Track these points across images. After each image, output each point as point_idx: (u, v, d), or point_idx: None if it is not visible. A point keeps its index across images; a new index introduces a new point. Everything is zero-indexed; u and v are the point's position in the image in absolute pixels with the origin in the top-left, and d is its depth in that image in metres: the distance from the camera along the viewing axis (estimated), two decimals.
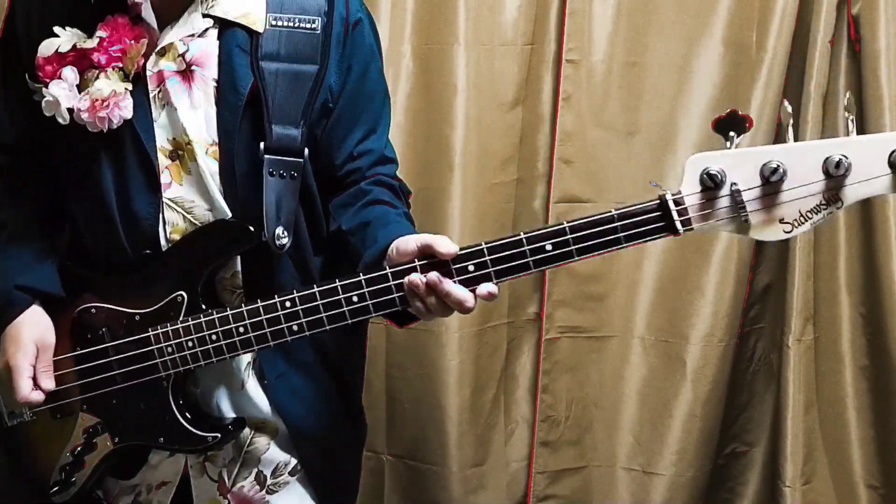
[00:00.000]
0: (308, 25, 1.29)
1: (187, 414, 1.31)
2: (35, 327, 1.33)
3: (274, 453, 1.38)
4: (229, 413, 1.36)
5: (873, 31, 1.89)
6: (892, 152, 1.06)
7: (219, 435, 1.31)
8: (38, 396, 1.31)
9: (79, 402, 1.34)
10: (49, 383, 1.32)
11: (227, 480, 1.38)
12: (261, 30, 1.27)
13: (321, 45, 1.28)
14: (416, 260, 1.17)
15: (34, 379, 1.31)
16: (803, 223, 1.10)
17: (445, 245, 1.15)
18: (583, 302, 2.08)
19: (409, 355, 2.07)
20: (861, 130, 2.00)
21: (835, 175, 1.07)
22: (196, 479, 1.39)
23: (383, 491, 2.15)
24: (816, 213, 1.10)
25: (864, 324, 2.04)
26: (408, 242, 1.19)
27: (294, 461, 1.39)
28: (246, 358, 1.35)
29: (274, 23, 1.28)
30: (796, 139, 2.12)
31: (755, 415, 2.15)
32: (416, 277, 1.15)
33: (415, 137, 2.01)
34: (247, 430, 1.37)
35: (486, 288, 1.15)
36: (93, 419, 1.34)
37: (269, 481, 1.38)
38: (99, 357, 1.32)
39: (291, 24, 1.28)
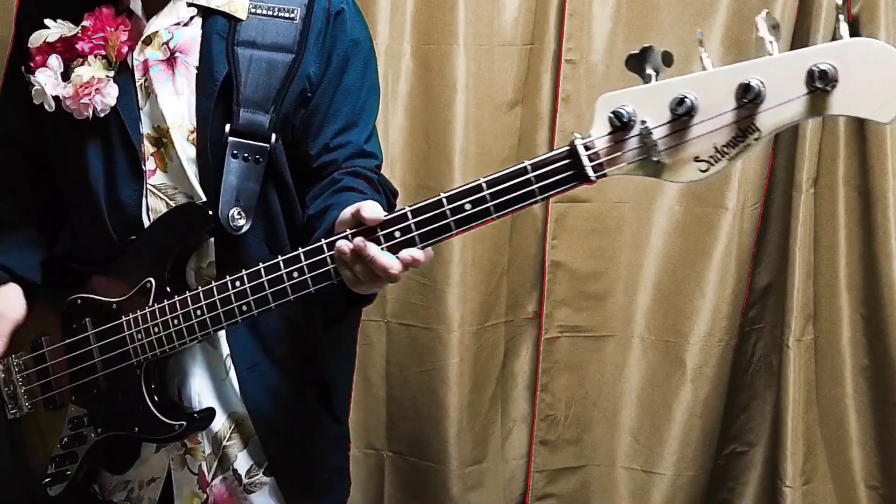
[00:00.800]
0: (287, 15, 1.30)
1: (156, 399, 1.32)
2: (2, 299, 1.36)
3: (251, 451, 1.38)
4: (210, 403, 1.36)
5: (873, 31, 1.89)
6: (809, 70, 0.94)
7: (185, 423, 1.31)
8: None
9: (68, 393, 1.37)
10: None
11: (206, 474, 1.38)
12: (243, 17, 1.29)
13: (299, 34, 1.29)
14: (348, 230, 1.15)
15: None
16: (720, 159, 0.99)
17: (371, 209, 1.12)
18: (582, 301, 2.09)
19: (408, 353, 2.08)
20: (862, 131, 2.02)
21: (747, 101, 0.96)
22: (177, 472, 1.39)
23: (383, 487, 2.16)
24: (732, 147, 0.98)
25: (864, 324, 2.04)
26: (345, 213, 1.17)
27: (263, 458, 1.38)
28: (226, 349, 1.35)
29: (254, 10, 1.29)
30: (796, 138, 2.12)
31: (755, 415, 2.16)
32: (343, 244, 1.13)
33: (414, 137, 2.02)
34: (225, 424, 1.37)
35: (408, 252, 1.11)
36: (80, 410, 1.37)
37: (244, 480, 1.38)
38: (82, 346, 1.35)
39: (270, 12, 1.30)
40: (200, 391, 1.36)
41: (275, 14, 1.30)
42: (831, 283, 2.04)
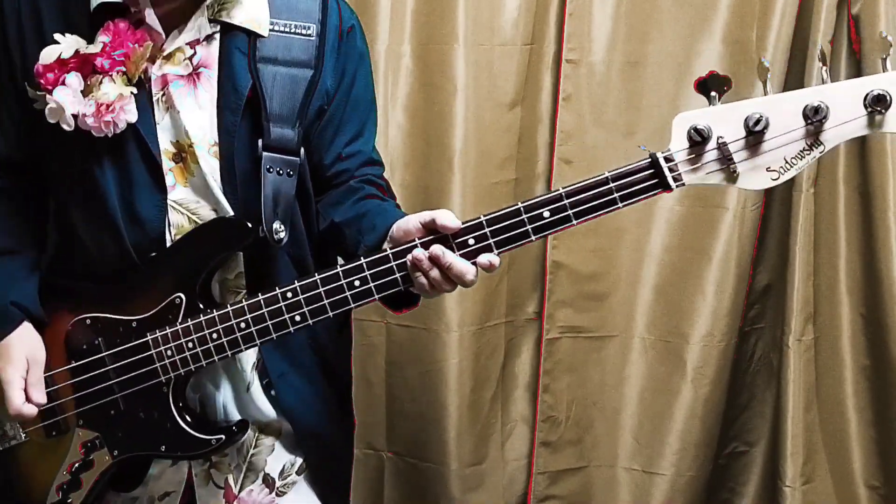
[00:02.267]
0: (304, 31, 1.32)
1: (188, 418, 1.30)
2: (26, 343, 1.32)
3: (279, 455, 1.38)
4: (236, 415, 1.35)
5: (873, 31, 1.89)
6: (867, 94, 1.12)
7: (223, 437, 1.29)
8: (30, 410, 1.30)
9: (75, 418, 1.33)
10: (40, 397, 1.31)
11: (233, 487, 1.37)
12: (265, 34, 1.30)
13: (316, 50, 1.32)
14: (416, 239, 1.21)
15: (26, 392, 1.30)
16: (789, 169, 1.15)
17: (449, 218, 1.19)
18: (583, 302, 2.09)
19: (408, 354, 2.08)
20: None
21: (814, 120, 1.12)
22: (201, 488, 1.38)
23: (383, 488, 2.16)
24: (801, 159, 1.15)
25: (864, 324, 2.04)
26: (408, 221, 1.23)
27: (300, 460, 1.40)
28: (250, 359, 1.36)
29: (272, 27, 1.30)
30: None
31: (755, 415, 2.16)
32: (419, 252, 1.18)
33: (414, 137, 2.02)
34: (250, 434, 1.36)
35: (486, 257, 1.18)
36: (90, 434, 1.33)
37: (277, 483, 1.38)
38: (95, 368, 1.31)
39: (288, 29, 1.31)
40: (226, 404, 1.36)
41: (292, 31, 1.31)
42: (831, 283, 2.04)
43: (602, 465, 2.15)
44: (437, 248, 1.18)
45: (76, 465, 1.33)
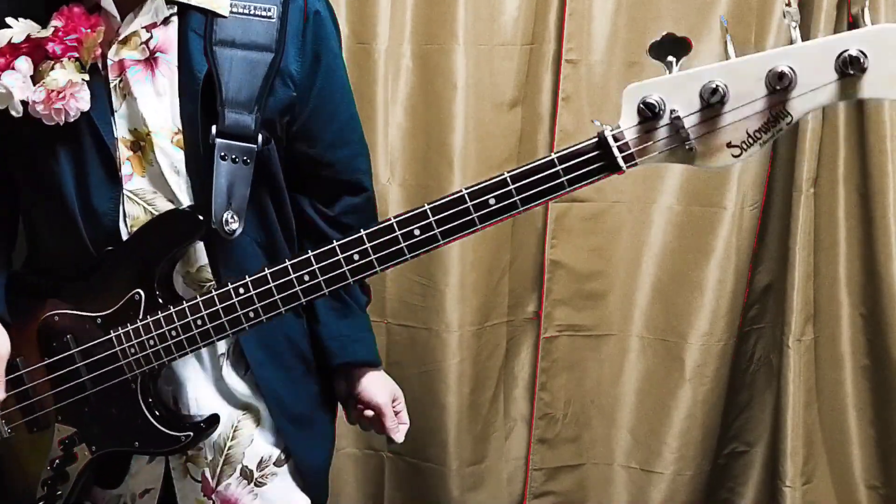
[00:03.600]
0: (264, 13, 1.27)
1: (157, 413, 1.29)
2: None
3: (257, 446, 1.37)
4: (209, 406, 1.34)
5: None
6: (839, 56, 0.98)
7: (191, 434, 1.28)
8: None
9: (53, 413, 1.32)
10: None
11: (210, 480, 1.36)
12: (226, 14, 1.26)
13: (277, 32, 1.27)
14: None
15: None
16: (752, 144, 1.03)
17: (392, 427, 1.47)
18: (581, 300, 2.09)
19: (408, 354, 2.08)
20: (862, 131, 2.01)
21: (779, 88, 0.99)
22: (179, 482, 1.37)
23: (383, 488, 2.16)
24: (765, 132, 1.02)
25: (864, 324, 2.04)
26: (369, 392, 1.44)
27: (278, 451, 1.38)
28: (220, 347, 1.34)
29: (232, 10, 1.27)
30: (796, 138, 2.12)
31: (755, 415, 2.15)
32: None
33: (415, 137, 2.02)
34: (226, 426, 1.35)
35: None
36: (69, 429, 1.32)
37: (255, 475, 1.37)
38: (67, 364, 1.29)
39: (247, 10, 1.27)
40: (198, 396, 1.34)
41: (251, 13, 1.27)
42: (831, 283, 2.04)
43: (599, 462, 2.15)
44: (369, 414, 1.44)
45: (57, 460, 1.33)
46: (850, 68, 0.97)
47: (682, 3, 1.97)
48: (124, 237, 1.28)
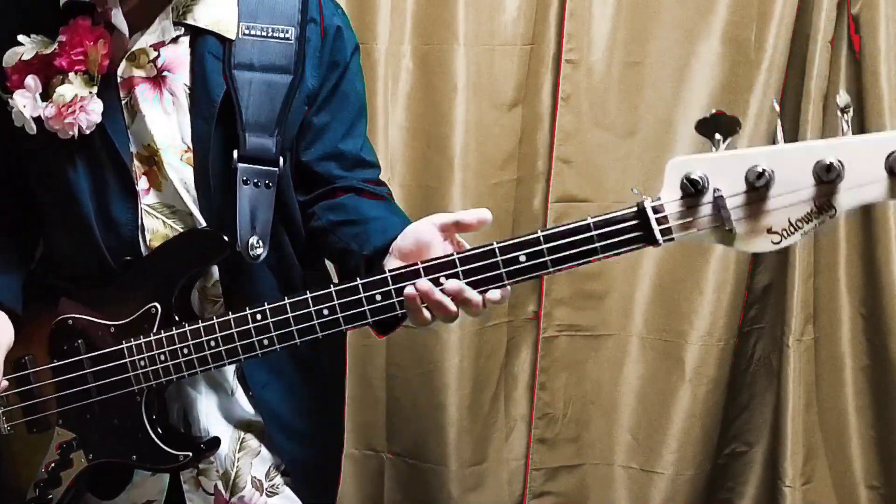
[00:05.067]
0: (282, 35, 1.27)
1: (159, 430, 1.27)
2: None
3: (264, 456, 1.36)
4: (218, 421, 1.33)
5: (873, 31, 1.89)
6: (890, 155, 0.96)
7: (190, 454, 1.27)
8: None
9: (55, 416, 1.31)
10: None
11: (224, 492, 1.35)
12: (233, 37, 1.25)
13: (295, 55, 1.27)
14: (418, 262, 1.14)
15: None
16: (793, 233, 1.00)
17: (476, 216, 1.13)
18: (581, 300, 2.09)
19: (408, 354, 2.08)
20: (861, 131, 1.98)
21: (826, 180, 0.97)
22: (191, 494, 1.36)
23: (383, 489, 2.16)
24: (807, 223, 1.00)
25: (864, 324, 2.04)
26: (419, 231, 1.17)
27: (283, 464, 1.38)
28: (232, 367, 1.33)
29: (247, 31, 1.26)
30: (796, 139, 2.12)
31: (755, 415, 2.15)
32: (411, 290, 1.13)
33: (415, 137, 2.02)
34: (234, 438, 1.35)
35: (482, 295, 1.11)
36: (68, 434, 1.31)
37: (265, 485, 1.36)
38: (74, 369, 1.29)
39: (264, 33, 1.26)
40: (208, 412, 1.34)
41: (269, 35, 1.26)
42: (831, 283, 2.04)
43: (599, 462, 2.15)
44: (423, 284, 1.11)
45: (52, 464, 1.32)
46: None
47: (682, 3, 1.97)
48: (142, 248, 1.28)
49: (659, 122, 2.01)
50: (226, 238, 1.23)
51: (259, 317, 1.19)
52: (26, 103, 1.23)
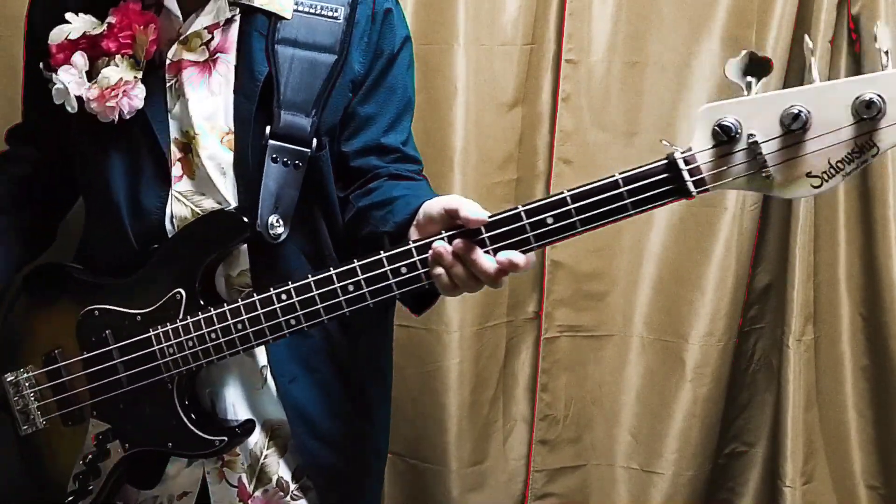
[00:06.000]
0: (330, 14, 1.24)
1: (193, 416, 1.27)
2: None
3: (287, 461, 1.35)
4: (245, 414, 1.32)
5: (873, 30, 1.89)
6: None
7: (226, 439, 1.27)
8: None
9: (89, 408, 1.31)
10: None
11: (248, 486, 1.34)
12: (288, 16, 1.23)
13: (342, 34, 1.24)
14: (441, 231, 1.11)
15: None
16: (834, 175, 0.95)
17: (472, 210, 1.06)
18: (582, 301, 2.08)
19: (408, 354, 2.07)
20: None
21: (867, 117, 0.93)
22: (214, 486, 1.35)
23: (383, 488, 2.15)
24: (849, 163, 0.95)
25: (864, 324, 2.04)
26: (432, 206, 1.12)
27: (311, 466, 1.35)
28: (262, 359, 1.32)
29: (297, 8, 1.24)
30: None
31: (755, 415, 2.15)
32: (440, 246, 1.08)
33: (414, 137, 2.00)
34: (262, 436, 1.33)
35: (505, 256, 1.06)
36: (103, 425, 1.31)
37: (291, 487, 1.34)
38: (104, 360, 1.28)
39: (313, 10, 1.24)
40: (235, 402, 1.32)
41: (317, 12, 1.24)
42: (831, 283, 2.04)
43: (600, 463, 2.15)
44: (459, 244, 1.07)
45: (90, 455, 1.32)
46: None
47: (682, 3, 1.97)
48: (170, 236, 1.28)
49: (659, 122, 2.01)
50: (245, 219, 1.22)
51: (284, 297, 1.18)
52: (71, 80, 1.21)
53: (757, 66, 0.97)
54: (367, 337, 1.41)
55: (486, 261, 1.07)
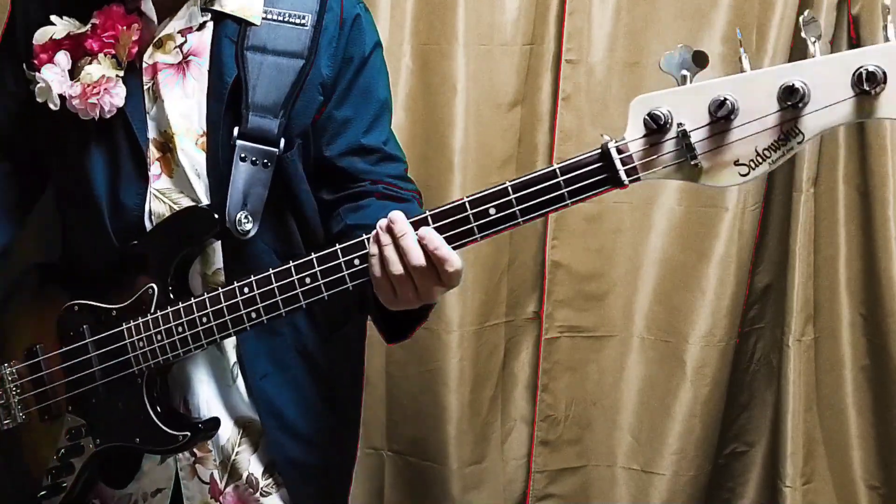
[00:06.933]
0: (297, 21, 1.29)
1: (158, 410, 1.29)
2: None
3: (259, 458, 1.37)
4: (219, 410, 1.34)
5: (873, 31, 1.89)
6: (855, 72, 0.92)
7: (189, 434, 1.28)
8: None
9: (65, 403, 1.33)
10: None
11: (219, 482, 1.36)
12: (257, 23, 1.28)
13: (310, 40, 1.28)
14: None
15: None
16: (761, 163, 0.97)
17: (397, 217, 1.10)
18: (582, 301, 2.09)
19: (408, 353, 2.08)
20: (862, 130, 2.02)
21: (791, 104, 0.94)
22: (187, 482, 1.37)
23: (383, 487, 2.16)
24: (775, 151, 0.96)
25: (864, 324, 2.03)
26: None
27: (280, 464, 1.37)
28: (232, 356, 1.34)
29: (265, 16, 1.29)
30: None
31: (755, 415, 2.15)
32: (381, 221, 1.11)
33: (414, 137, 2.02)
34: (234, 432, 1.35)
35: (427, 232, 1.09)
36: (78, 420, 1.33)
37: (261, 484, 1.36)
38: (80, 355, 1.31)
39: (281, 17, 1.29)
40: (208, 399, 1.34)
41: (285, 20, 1.28)
42: (831, 283, 2.04)
43: (601, 464, 2.15)
44: (396, 215, 1.09)
45: (63, 450, 1.34)
46: (866, 85, 0.91)
47: (682, 3, 1.97)
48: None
49: None
50: (216, 215, 1.25)
51: (246, 290, 1.21)
52: (54, 78, 1.25)
53: (692, 60, 0.99)
54: (342, 339, 1.44)
55: (412, 240, 1.09)
